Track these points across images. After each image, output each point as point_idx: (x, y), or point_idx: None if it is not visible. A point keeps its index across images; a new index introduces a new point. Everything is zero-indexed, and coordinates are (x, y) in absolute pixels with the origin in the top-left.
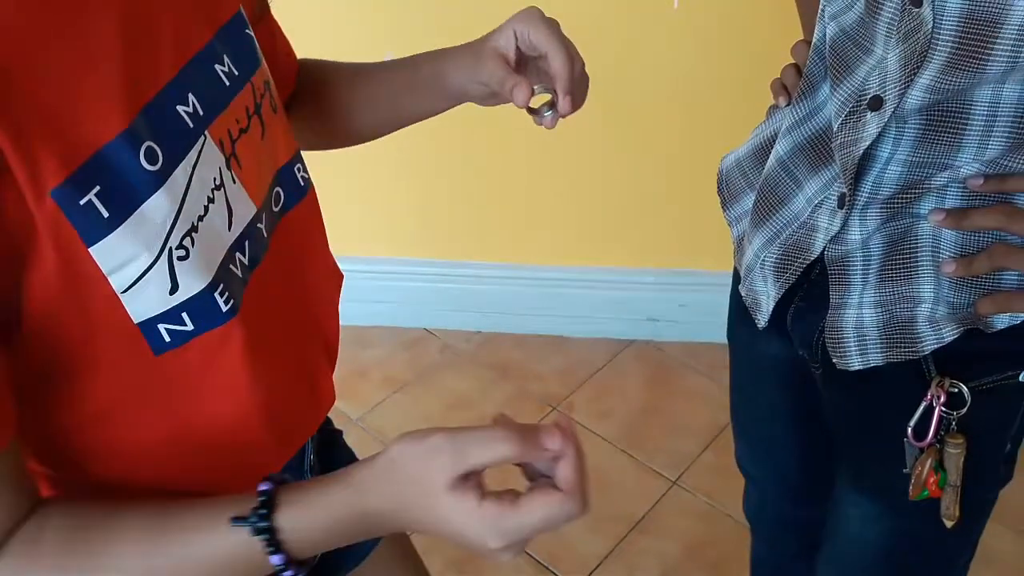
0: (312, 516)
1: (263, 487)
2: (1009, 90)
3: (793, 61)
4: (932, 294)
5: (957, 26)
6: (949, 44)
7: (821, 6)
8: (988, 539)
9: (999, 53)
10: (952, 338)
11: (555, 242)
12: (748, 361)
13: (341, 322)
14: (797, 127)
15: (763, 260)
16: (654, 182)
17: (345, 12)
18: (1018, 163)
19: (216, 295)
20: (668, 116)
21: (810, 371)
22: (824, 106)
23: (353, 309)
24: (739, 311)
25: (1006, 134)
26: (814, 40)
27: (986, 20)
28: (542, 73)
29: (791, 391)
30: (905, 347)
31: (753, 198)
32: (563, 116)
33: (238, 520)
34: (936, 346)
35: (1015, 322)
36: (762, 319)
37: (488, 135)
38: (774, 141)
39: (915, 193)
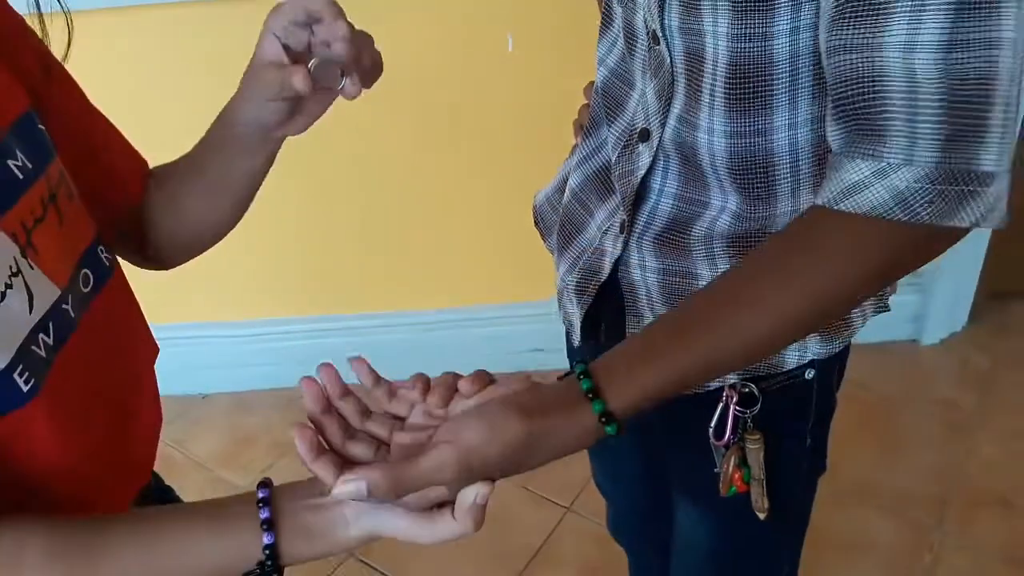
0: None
1: (263, 515)
2: (720, 140)
3: (586, 101)
4: None
5: (682, 61)
6: (683, 77)
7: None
8: (864, 525)
9: (707, 87)
10: (735, 380)
11: (427, 285)
12: None
13: (227, 389)
14: (586, 161)
15: (567, 284)
16: (519, 219)
17: (193, 77)
18: (763, 215)
19: (15, 375)
20: (513, 149)
21: None
22: (607, 142)
23: (234, 374)
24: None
25: (736, 185)
26: (596, 82)
27: (697, 56)
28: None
29: None
30: None
31: None
32: (361, 84)
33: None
34: (720, 384)
35: (804, 360)
36: (576, 338)
37: (350, 185)
38: None
39: (686, 234)
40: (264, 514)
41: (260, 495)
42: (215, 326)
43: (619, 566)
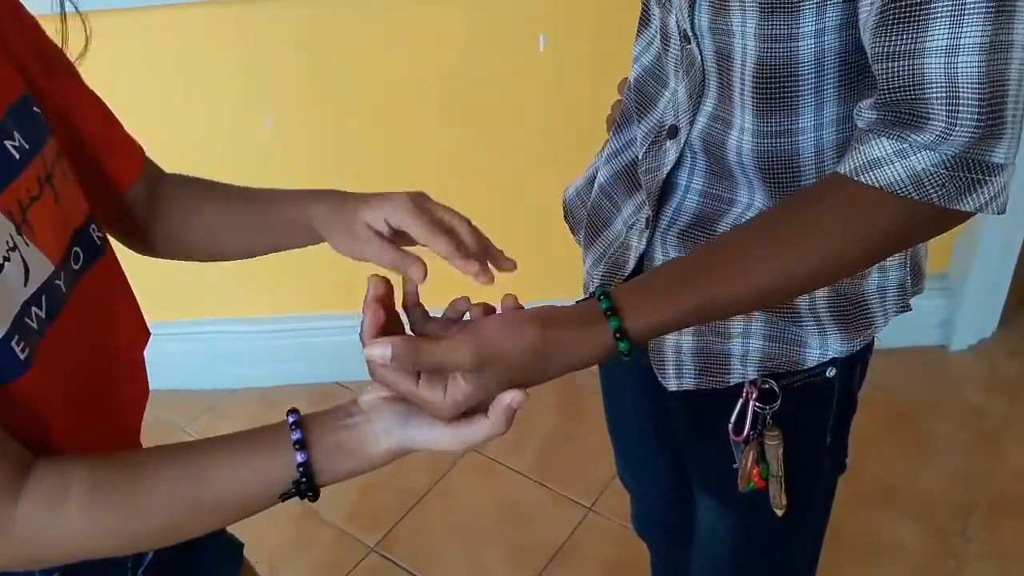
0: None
1: (295, 436)
2: (748, 139)
3: (620, 97)
4: (741, 328)
5: (713, 61)
6: (715, 76)
7: (634, 50)
8: (887, 530)
9: (736, 86)
10: (755, 376)
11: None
12: (611, 373)
13: (255, 384)
14: (615, 157)
15: (593, 277)
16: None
17: (219, 76)
18: None
19: (13, 344)
20: (541, 149)
21: None
22: (636, 138)
23: (262, 370)
24: None
25: (764, 183)
26: (630, 79)
27: (726, 56)
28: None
29: (651, 397)
30: (714, 377)
31: None
32: (487, 282)
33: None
34: (740, 380)
35: (824, 358)
36: None
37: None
38: None
39: (710, 229)
40: (296, 435)
41: (291, 419)
42: (243, 322)
43: (640, 566)
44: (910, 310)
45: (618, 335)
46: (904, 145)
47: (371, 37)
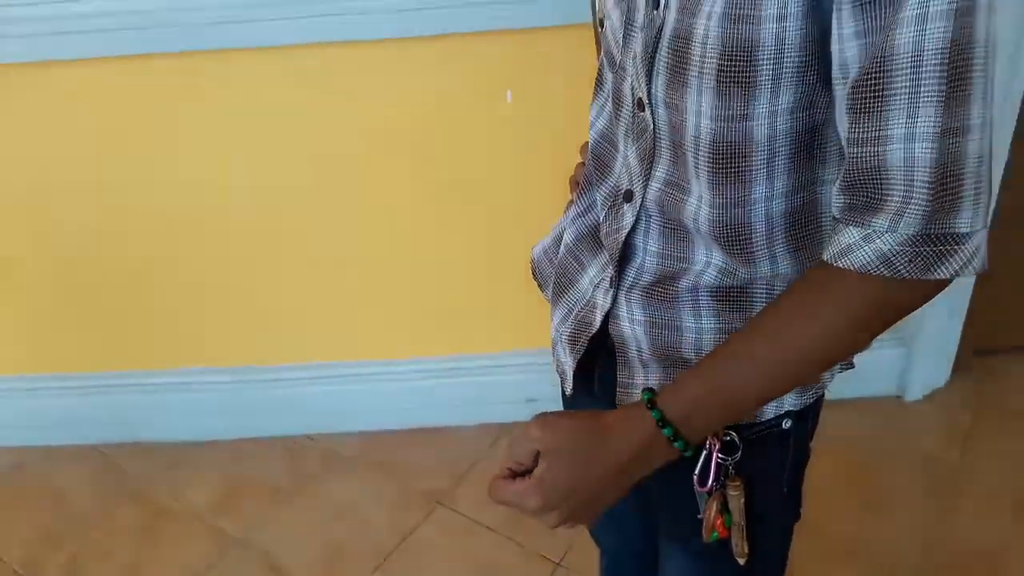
0: None
1: None
2: (702, 207)
3: (582, 160)
4: None
5: (666, 130)
6: (667, 145)
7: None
8: None
9: (691, 159)
10: (716, 428)
11: (425, 334)
12: None
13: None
14: (579, 218)
15: (561, 334)
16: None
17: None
18: (745, 275)
19: None
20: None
21: None
22: (597, 201)
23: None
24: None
25: (719, 246)
26: (589, 143)
27: (680, 128)
28: None
29: None
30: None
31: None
32: None
33: None
34: (710, 435)
35: (780, 411)
36: (568, 387)
37: (348, 236)
38: None
39: (673, 288)
40: None
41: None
42: (216, 372)
43: None
44: (853, 367)
45: (661, 423)
46: (868, 231)
47: (340, 94)
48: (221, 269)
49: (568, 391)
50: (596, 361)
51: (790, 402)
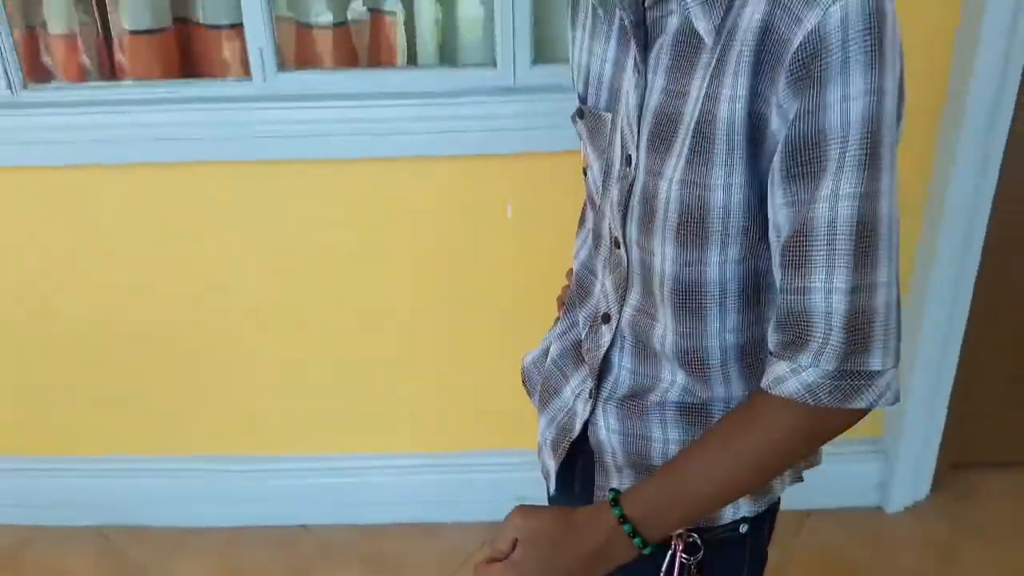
0: None
1: None
2: (667, 334)
3: (567, 283)
4: None
5: (638, 267)
6: (638, 279)
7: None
8: None
9: (658, 293)
10: (680, 531)
11: (416, 430)
12: None
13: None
14: (564, 335)
15: (546, 439)
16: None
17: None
18: (703, 394)
19: None
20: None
21: None
22: (579, 321)
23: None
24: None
25: (681, 369)
26: (573, 270)
27: (648, 267)
28: None
29: None
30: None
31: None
32: None
33: None
34: (674, 536)
35: (737, 516)
36: (551, 487)
37: (349, 333)
38: None
39: (643, 401)
40: None
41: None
42: (215, 460)
43: None
44: (802, 480)
45: (622, 520)
46: (795, 364)
47: (344, 204)
48: (223, 360)
49: (552, 491)
50: (576, 464)
51: (746, 508)
